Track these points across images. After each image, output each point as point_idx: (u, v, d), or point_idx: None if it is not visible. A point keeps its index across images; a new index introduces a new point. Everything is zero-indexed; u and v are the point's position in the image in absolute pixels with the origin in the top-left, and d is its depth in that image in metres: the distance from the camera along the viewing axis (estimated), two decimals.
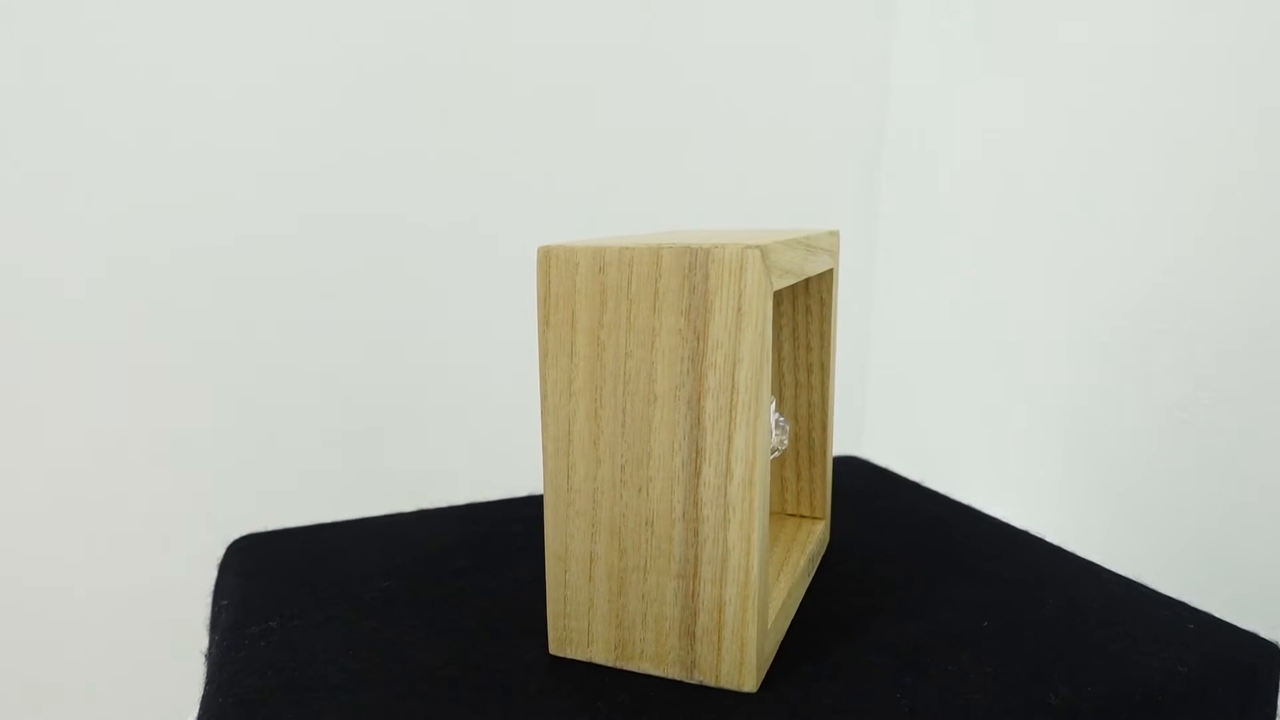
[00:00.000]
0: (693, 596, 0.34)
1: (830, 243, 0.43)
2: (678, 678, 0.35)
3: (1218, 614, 0.59)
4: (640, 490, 0.34)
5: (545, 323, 0.34)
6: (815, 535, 0.45)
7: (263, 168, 0.71)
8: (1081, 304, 0.70)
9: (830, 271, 0.45)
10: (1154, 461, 0.65)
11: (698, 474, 0.33)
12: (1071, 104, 0.70)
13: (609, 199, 0.83)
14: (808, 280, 0.45)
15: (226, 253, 0.72)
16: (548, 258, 0.34)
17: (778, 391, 0.47)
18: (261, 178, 0.72)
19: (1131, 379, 0.65)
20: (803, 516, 0.48)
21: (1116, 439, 0.67)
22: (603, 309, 0.33)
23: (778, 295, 0.46)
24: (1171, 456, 0.63)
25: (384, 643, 0.37)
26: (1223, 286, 0.60)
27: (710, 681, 0.34)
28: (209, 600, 0.52)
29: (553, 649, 0.37)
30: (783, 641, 0.38)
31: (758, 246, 0.31)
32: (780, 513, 0.48)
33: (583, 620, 0.36)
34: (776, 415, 0.43)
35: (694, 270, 0.32)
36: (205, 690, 0.36)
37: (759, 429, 0.32)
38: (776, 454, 0.43)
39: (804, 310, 0.46)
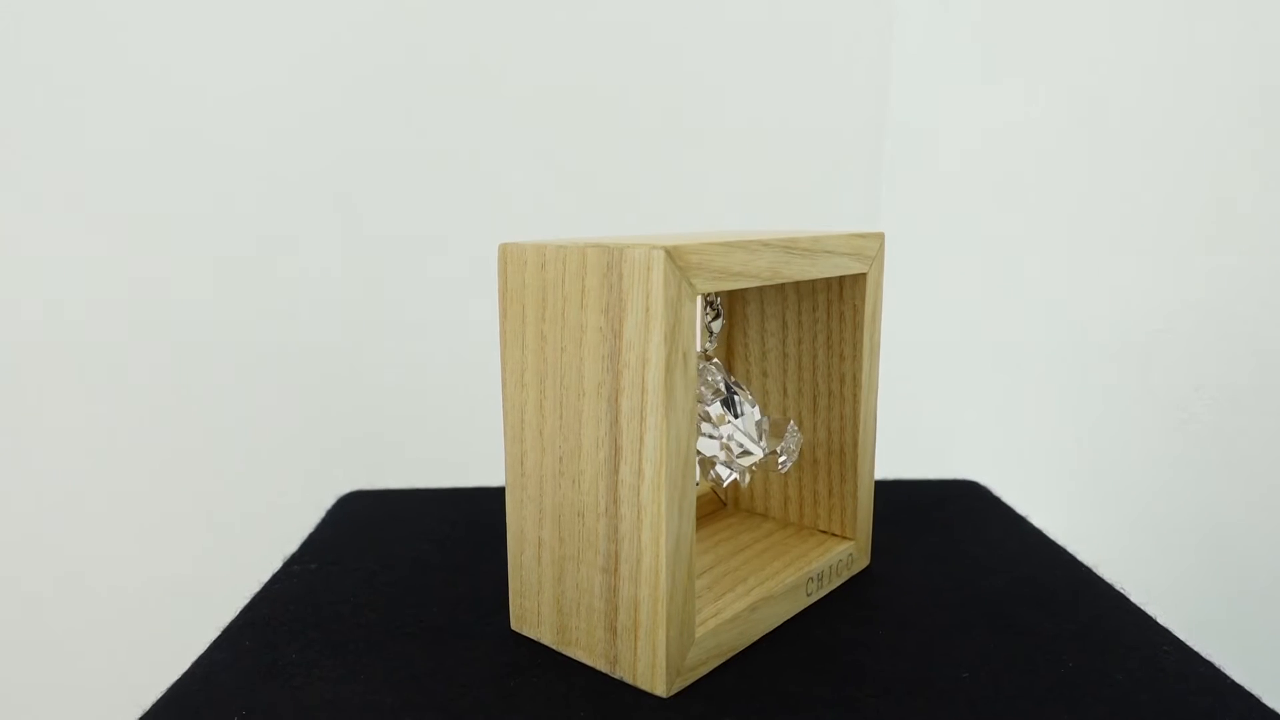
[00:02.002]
0: (614, 592, 0.34)
1: (848, 245, 0.40)
2: (604, 670, 0.35)
3: (1218, 613, 0.59)
4: (574, 482, 0.35)
5: (503, 315, 0.36)
6: (831, 555, 0.42)
7: (265, 167, 0.78)
8: (1081, 304, 0.68)
9: (862, 276, 0.42)
10: (1153, 461, 0.64)
11: (616, 471, 0.33)
12: (1072, 103, 0.68)
13: (608, 199, 0.83)
14: (841, 285, 0.43)
15: (228, 253, 0.78)
16: (504, 254, 0.36)
17: (810, 401, 0.45)
18: (268, 176, 0.78)
19: (1131, 379, 0.64)
20: (831, 534, 0.45)
21: (1116, 439, 0.66)
22: (544, 304, 0.34)
23: (809, 299, 0.44)
24: (1171, 456, 0.62)
25: (388, 595, 0.42)
26: (1223, 286, 0.59)
27: (629, 679, 0.34)
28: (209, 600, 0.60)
29: (513, 625, 0.39)
30: (740, 654, 0.37)
31: (664, 247, 0.31)
32: (810, 527, 0.46)
33: (534, 601, 0.38)
34: (768, 422, 0.41)
35: (611, 270, 0.32)
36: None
37: (671, 432, 0.32)
38: (784, 465, 0.41)
39: (838, 317, 0.43)
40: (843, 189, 0.88)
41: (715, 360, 0.40)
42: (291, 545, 0.49)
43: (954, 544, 0.48)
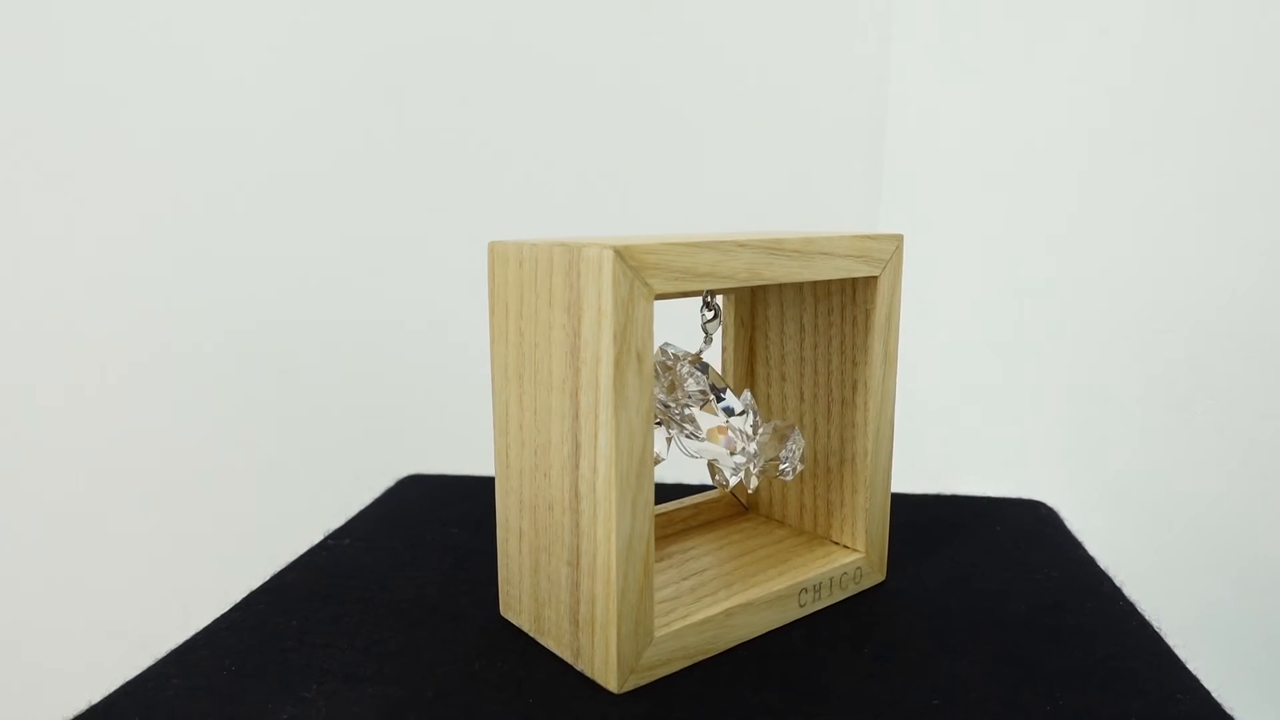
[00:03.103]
0: (577, 585, 0.35)
1: (851, 247, 0.39)
2: (569, 661, 0.36)
3: (1218, 613, 0.61)
4: (546, 475, 0.36)
5: (492, 311, 0.37)
6: (832, 567, 0.41)
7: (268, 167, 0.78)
8: (1081, 304, 0.67)
9: (873, 280, 0.40)
10: (1153, 462, 0.64)
11: (577, 466, 0.34)
12: (1073, 103, 0.67)
13: (611, 201, 0.81)
14: (854, 288, 0.41)
15: (229, 253, 0.79)
16: (492, 252, 0.37)
17: (824, 407, 0.43)
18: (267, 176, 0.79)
19: (1131, 379, 0.64)
20: (842, 546, 0.44)
21: (1116, 439, 0.66)
22: (522, 301, 0.35)
23: (825, 302, 0.42)
24: (1171, 457, 0.62)
25: (401, 574, 0.44)
26: (1223, 286, 0.59)
27: (588, 672, 0.35)
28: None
29: (501, 611, 0.40)
30: (711, 660, 0.36)
31: (613, 247, 0.31)
32: (823, 537, 0.45)
33: (517, 589, 0.39)
34: (773, 426, 0.40)
35: (571, 269, 0.33)
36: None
37: (621, 430, 0.32)
38: (786, 472, 0.40)
39: (850, 321, 0.42)
40: (858, 190, 0.85)
41: (702, 363, 0.39)
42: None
43: (987, 565, 0.45)
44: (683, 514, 0.46)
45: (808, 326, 0.44)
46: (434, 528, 0.51)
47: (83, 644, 0.87)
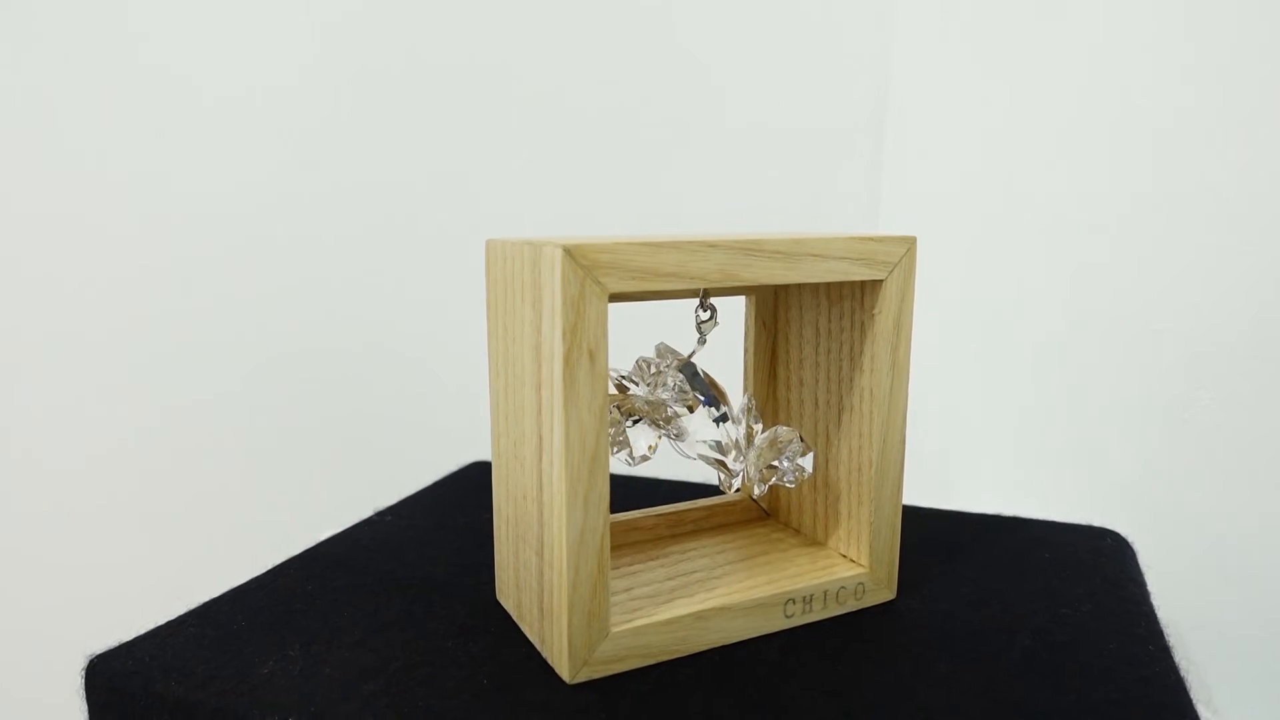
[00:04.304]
0: (541, 574, 0.36)
1: (848, 249, 0.37)
2: (538, 647, 0.37)
3: (1217, 614, 0.61)
4: (521, 465, 0.37)
5: (488, 305, 0.39)
6: (827, 580, 0.40)
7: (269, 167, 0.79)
8: (1081, 304, 0.67)
9: (878, 284, 0.38)
10: (1153, 462, 0.64)
11: (540, 459, 0.35)
12: (1072, 103, 0.66)
13: (609, 202, 0.80)
14: (861, 292, 0.39)
15: (228, 254, 0.80)
16: (488, 249, 0.38)
17: (835, 415, 0.42)
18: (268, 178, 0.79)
19: (1131, 379, 0.64)
20: (848, 559, 0.42)
21: (1115, 439, 0.66)
22: (506, 296, 0.37)
23: (838, 305, 0.41)
24: (1171, 457, 0.62)
25: (420, 552, 0.47)
26: (1223, 286, 0.59)
27: (549, 659, 0.36)
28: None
29: (497, 594, 0.42)
30: (676, 661, 0.36)
31: (564, 246, 0.31)
32: (833, 549, 0.43)
33: (505, 574, 0.40)
34: (772, 432, 0.40)
35: (534, 267, 0.33)
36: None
37: (571, 426, 0.32)
38: (787, 480, 0.39)
39: (859, 327, 0.40)
40: (842, 189, 0.81)
41: (690, 365, 0.39)
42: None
43: (1013, 593, 0.42)
44: (693, 515, 0.46)
45: (822, 331, 0.42)
46: (471, 511, 0.53)
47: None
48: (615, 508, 0.48)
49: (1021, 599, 0.42)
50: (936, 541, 0.48)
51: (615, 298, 0.37)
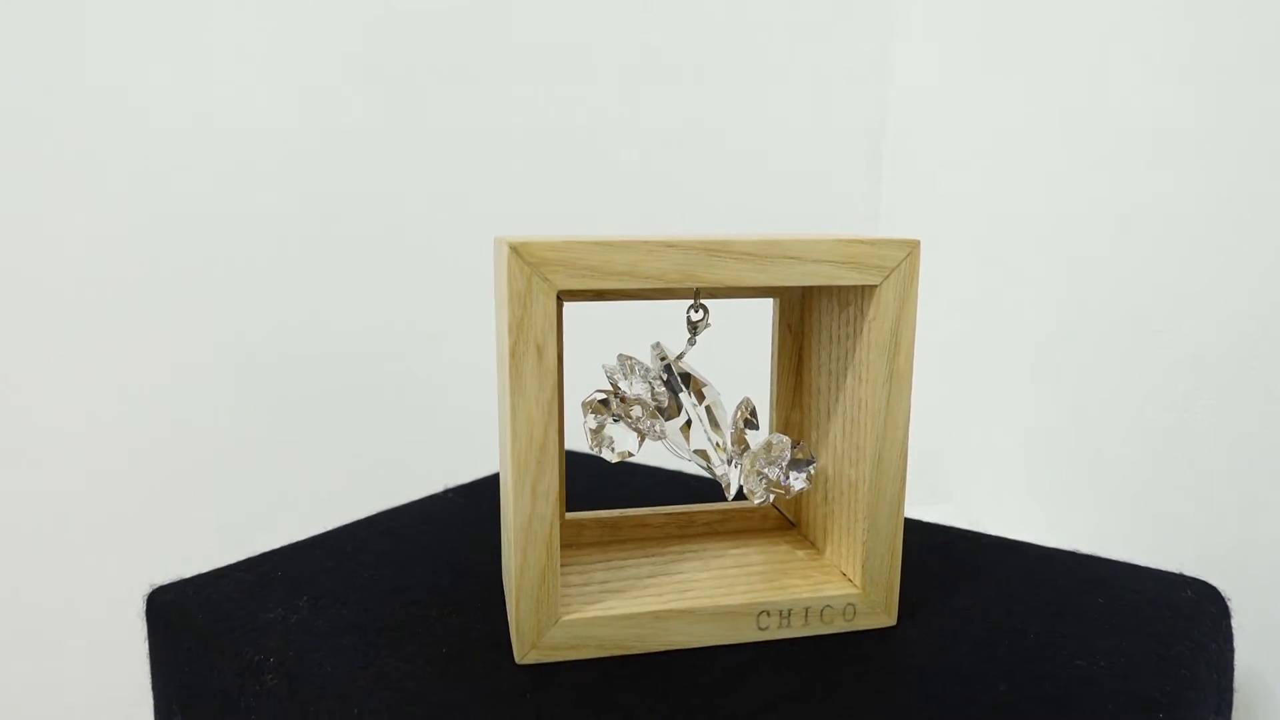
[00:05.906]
0: (510, 557, 0.37)
1: (834, 252, 0.35)
2: (509, 625, 0.38)
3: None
4: (507, 453, 0.39)
5: (496, 302, 0.41)
6: (810, 597, 0.38)
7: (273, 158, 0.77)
8: (1081, 304, 0.65)
9: (872, 289, 0.36)
10: (1153, 462, 0.61)
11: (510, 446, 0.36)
12: (1072, 103, 0.65)
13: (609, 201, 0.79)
14: (860, 298, 0.37)
15: (231, 254, 0.77)
16: (495, 246, 0.41)
17: (840, 425, 0.40)
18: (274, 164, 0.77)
19: (1131, 379, 0.62)
20: (846, 578, 0.40)
21: (1115, 439, 0.63)
22: (498, 293, 0.39)
23: (845, 310, 0.39)
24: (1171, 457, 0.59)
25: (440, 525, 0.50)
26: (1223, 286, 0.55)
27: (511, 638, 0.37)
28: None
29: (502, 577, 0.44)
30: (635, 658, 0.36)
31: (511, 243, 0.33)
32: (836, 566, 0.41)
33: (504, 557, 0.42)
34: (768, 439, 0.39)
35: (500, 263, 0.35)
36: None
37: (519, 418, 0.34)
38: (787, 490, 0.39)
39: (856, 335, 0.38)
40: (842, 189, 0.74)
41: (671, 367, 0.39)
42: None
43: (1032, 635, 0.38)
44: (706, 517, 0.46)
45: (832, 337, 0.41)
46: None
47: None
48: (652, 502, 0.49)
49: (1038, 643, 0.38)
50: (967, 567, 0.45)
51: (571, 296, 0.38)
